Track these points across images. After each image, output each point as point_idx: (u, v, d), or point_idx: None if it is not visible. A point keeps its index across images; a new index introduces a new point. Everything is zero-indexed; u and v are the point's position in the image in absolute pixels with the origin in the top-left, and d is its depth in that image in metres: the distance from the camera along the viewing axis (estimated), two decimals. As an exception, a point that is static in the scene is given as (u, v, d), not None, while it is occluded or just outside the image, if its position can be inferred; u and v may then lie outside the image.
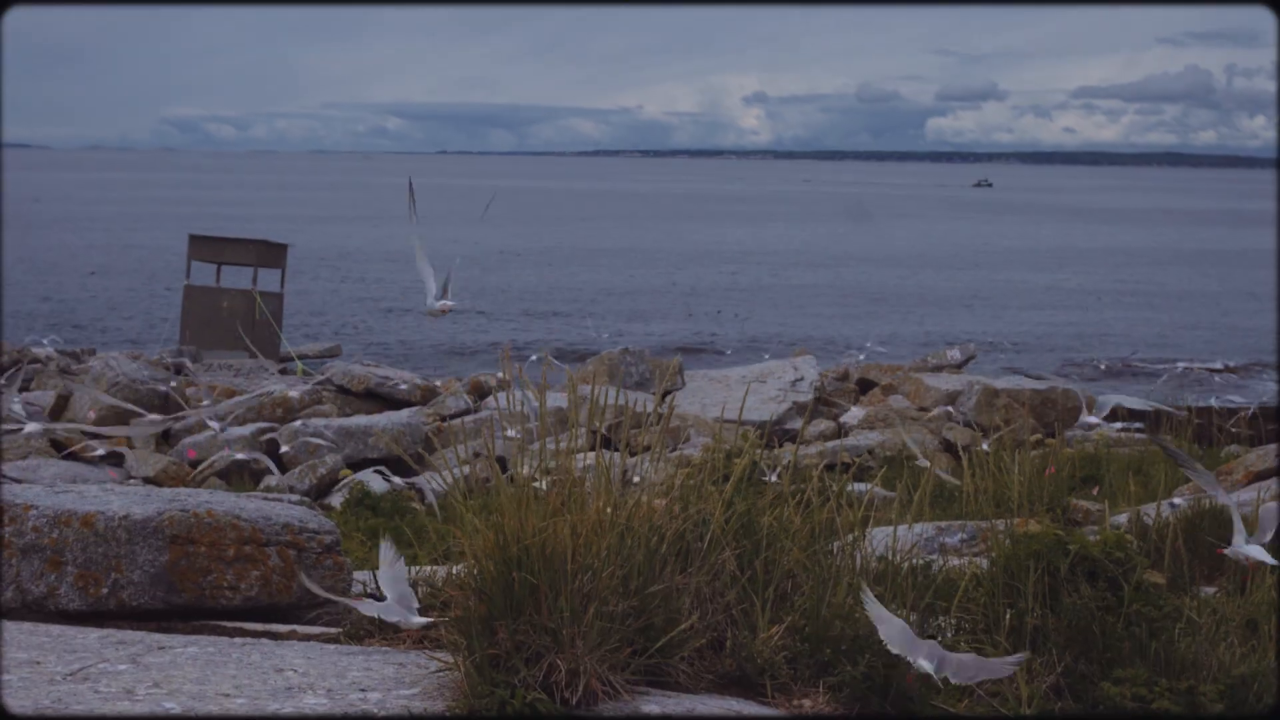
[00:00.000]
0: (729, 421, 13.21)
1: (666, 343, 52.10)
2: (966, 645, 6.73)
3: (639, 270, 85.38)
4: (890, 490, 15.83)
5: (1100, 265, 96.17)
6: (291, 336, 44.29)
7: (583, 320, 56.49)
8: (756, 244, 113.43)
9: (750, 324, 60.97)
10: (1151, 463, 16.48)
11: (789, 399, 29.19)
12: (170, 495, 8.08)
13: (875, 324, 62.40)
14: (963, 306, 68.90)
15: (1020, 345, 56.69)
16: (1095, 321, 64.53)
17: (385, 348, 52.19)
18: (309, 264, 78.14)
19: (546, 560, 6.05)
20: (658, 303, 68.38)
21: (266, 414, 26.97)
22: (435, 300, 8.61)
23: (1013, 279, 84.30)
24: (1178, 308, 71.08)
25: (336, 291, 71.58)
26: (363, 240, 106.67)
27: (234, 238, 43.33)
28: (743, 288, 75.68)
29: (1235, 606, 8.03)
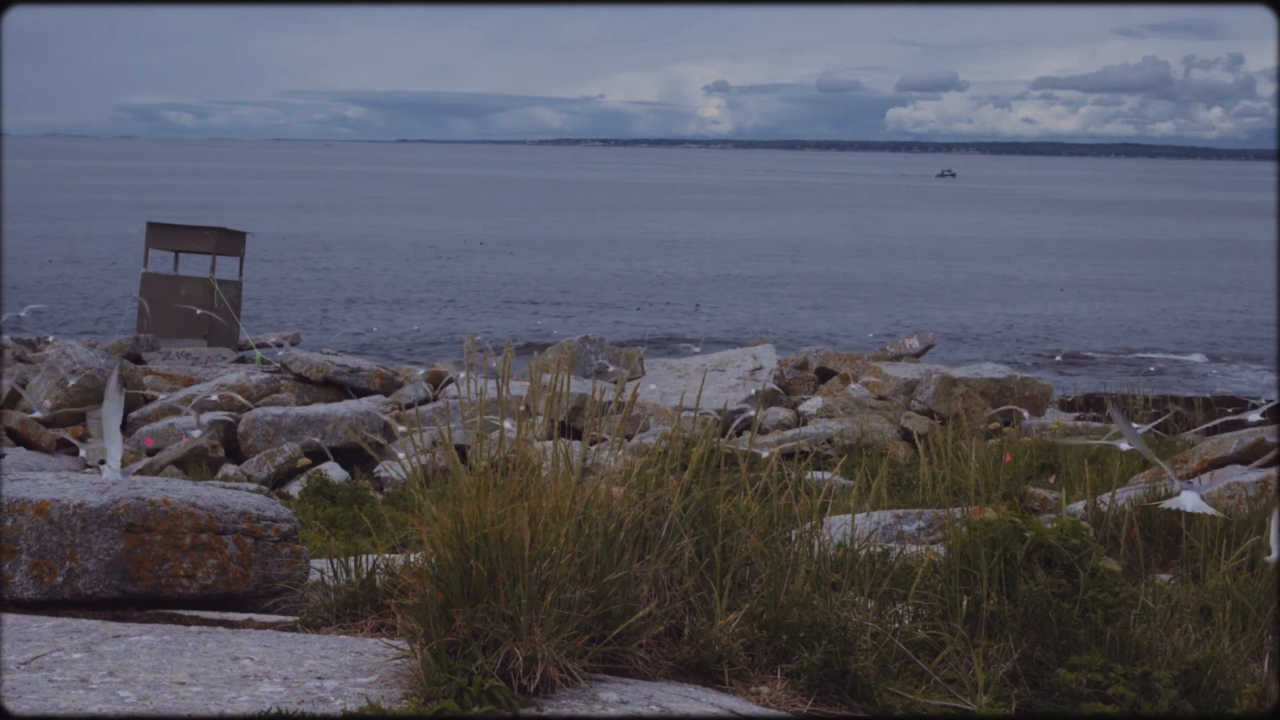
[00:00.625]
0: (688, 410, 13.19)
1: (634, 333, 52.11)
2: (924, 632, 6.77)
3: (606, 260, 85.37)
4: (849, 479, 15.88)
5: (1063, 256, 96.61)
6: (250, 325, 44.12)
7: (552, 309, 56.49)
8: (722, 233, 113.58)
9: (719, 314, 61.02)
10: (1108, 451, 16.55)
11: (748, 387, 29.23)
12: (126, 483, 8.03)
13: (840, 313, 62.57)
14: (925, 296, 69.11)
15: (982, 335, 56.91)
16: (1057, 312, 64.77)
17: (345, 336, 52.05)
18: (269, 252, 77.88)
19: (504, 548, 6.04)
20: (624, 292, 68.40)
21: (224, 402, 26.85)
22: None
23: (976, 269, 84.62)
24: (1140, 298, 71.43)
25: (297, 280, 71.34)
26: (323, 229, 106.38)
27: (192, 225, 43.09)
28: (710, 277, 75.75)
29: (1189, 593, 8.09)
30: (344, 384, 29.85)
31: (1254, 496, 11.66)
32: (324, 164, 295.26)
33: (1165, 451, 16.94)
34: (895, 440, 25.60)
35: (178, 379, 29.47)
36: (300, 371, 30.01)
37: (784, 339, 48.81)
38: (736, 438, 8.82)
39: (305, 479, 19.65)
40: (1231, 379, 45.90)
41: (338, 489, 17.87)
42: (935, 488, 13.09)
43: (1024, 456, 16.91)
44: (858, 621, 6.63)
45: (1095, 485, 12.07)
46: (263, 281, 65.15)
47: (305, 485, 18.57)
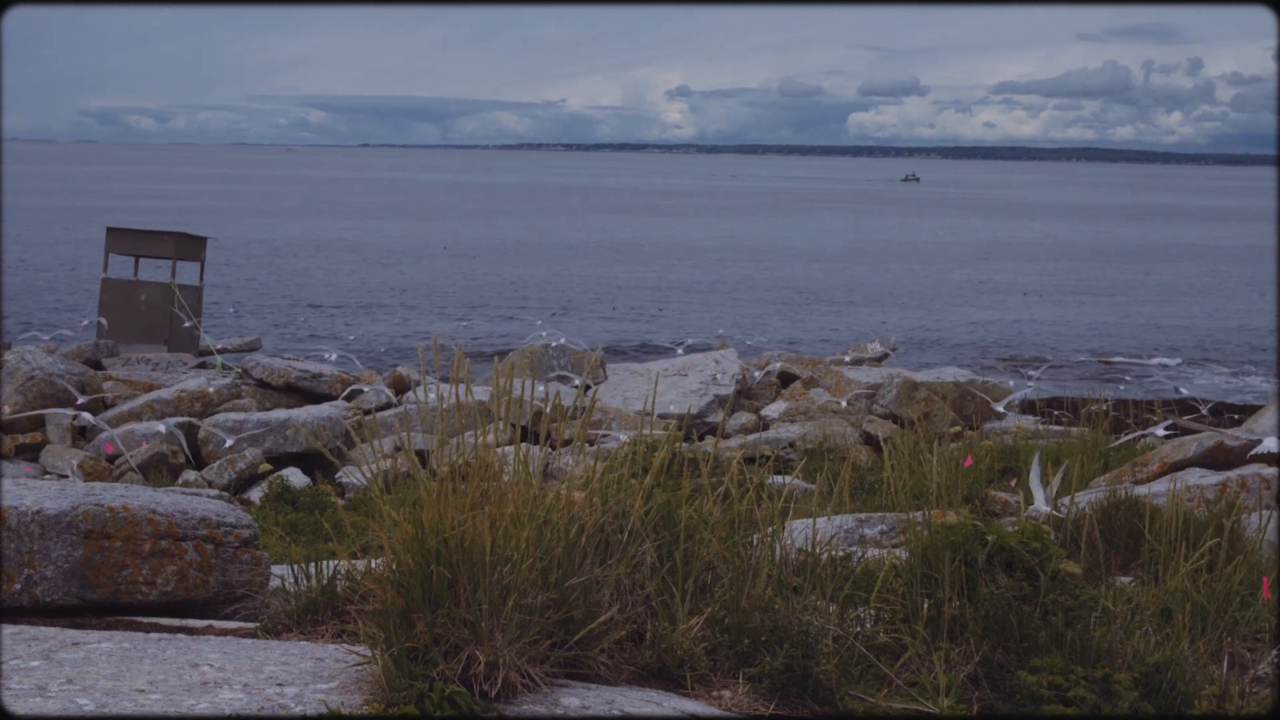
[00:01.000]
0: (651, 415, 13.18)
1: (597, 338, 52.07)
2: (885, 636, 6.78)
3: (569, 265, 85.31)
4: (811, 483, 15.91)
5: (1026, 260, 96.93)
6: (211, 330, 43.95)
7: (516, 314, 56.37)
8: (685, 238, 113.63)
9: (682, 318, 61.03)
10: (1069, 454, 16.62)
11: (710, 392, 29.24)
12: (85, 490, 7.99)
13: (803, 318, 62.67)
14: (888, 300, 69.28)
15: (944, 339, 57.05)
16: (1020, 316, 64.99)
17: (307, 341, 51.89)
18: (230, 257, 77.61)
19: (465, 553, 6.03)
20: (588, 297, 68.37)
21: (185, 408, 26.74)
22: None
23: (939, 273, 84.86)
24: (1103, 302, 71.73)
25: (258, 285, 71.10)
26: (284, 234, 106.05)
27: (152, 230, 42.91)
28: (673, 282, 75.77)
29: (1150, 595, 8.12)
30: (306, 389, 29.76)
31: (1213, 499, 11.72)
32: (286, 169, 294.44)
33: (1126, 454, 17.01)
34: (857, 444, 25.67)
35: (138, 385, 29.32)
36: (261, 377, 29.91)
37: (747, 343, 48.83)
38: (699, 442, 8.82)
39: (267, 484, 19.60)
40: (1195, 383, 46.12)
41: (299, 494, 17.83)
42: (897, 491, 13.12)
43: (985, 460, 16.96)
44: (819, 625, 6.64)
45: (1057, 488, 12.11)
46: (224, 287, 64.89)
47: (267, 491, 18.52)
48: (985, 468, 16.63)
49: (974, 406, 27.95)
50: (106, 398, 28.17)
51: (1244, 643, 7.90)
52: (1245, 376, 48.13)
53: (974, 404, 28.00)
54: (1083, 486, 13.93)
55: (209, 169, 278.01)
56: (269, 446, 24.08)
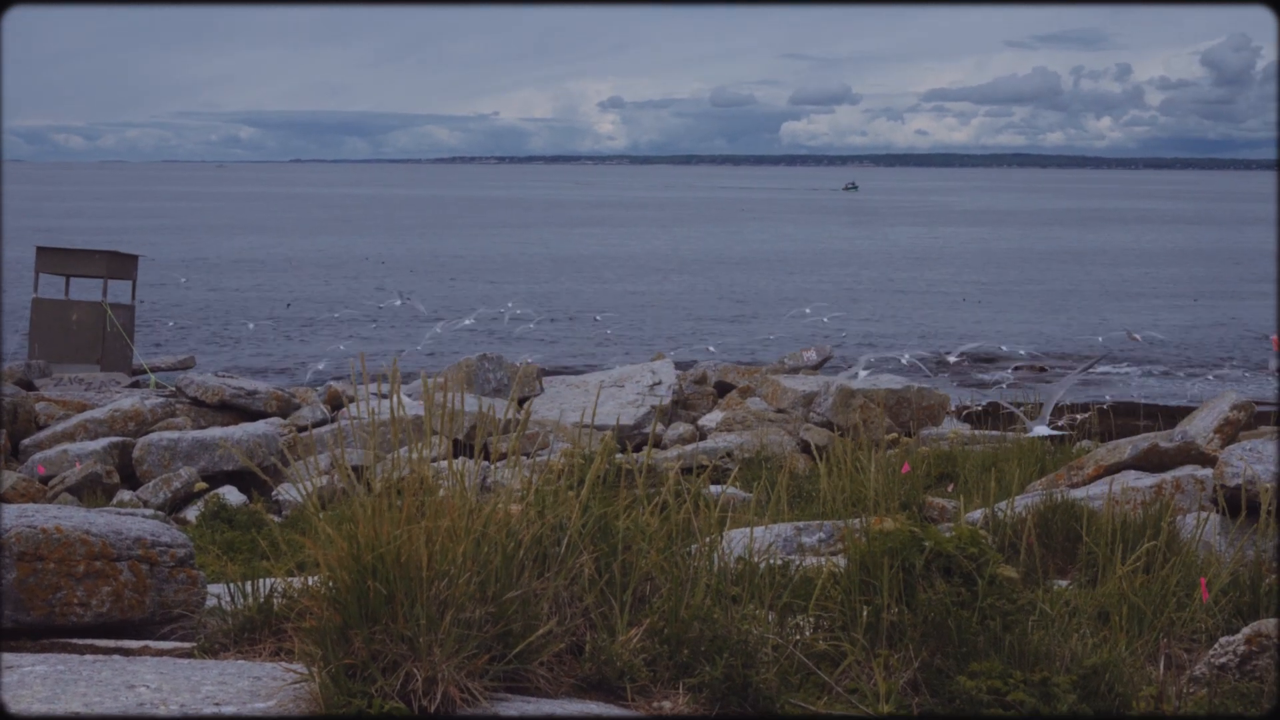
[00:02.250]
0: (588, 427, 13.16)
1: (534, 350, 51.97)
2: (825, 643, 6.79)
3: (505, 277, 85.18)
4: (748, 492, 15.93)
5: (964, 266, 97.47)
6: (145, 349, 43.64)
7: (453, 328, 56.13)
8: (620, 250, 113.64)
9: (619, 330, 61.02)
10: (1005, 459, 16.72)
11: (647, 403, 29.25)
12: (18, 511, 7.90)
13: (739, 327, 62.77)
14: (830, 308, 69.50)
15: (881, 346, 57.25)
16: (957, 322, 65.33)
17: (241, 359, 51.59)
18: (162, 275, 77.08)
19: (401, 568, 6.01)
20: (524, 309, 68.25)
21: (119, 427, 26.53)
22: None
23: (874, 280, 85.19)
24: (1042, 307, 72.18)
25: (191, 303, 70.65)
26: (217, 250, 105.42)
27: (83, 249, 42.61)
28: (609, 293, 75.78)
29: (1087, 598, 8.17)
30: (241, 407, 29.58)
31: (1149, 501, 11.80)
32: (217, 185, 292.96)
33: (1061, 458, 17.11)
34: (795, 452, 25.73)
35: (71, 405, 29.07)
36: (196, 395, 29.71)
37: (683, 354, 48.87)
38: (635, 453, 8.83)
39: (203, 503, 19.46)
40: (1134, 385, 46.45)
41: (235, 513, 17.69)
42: (835, 499, 13.15)
43: (922, 466, 17.04)
44: (759, 634, 6.65)
45: (993, 493, 12.19)
46: (156, 305, 64.44)
47: (203, 510, 18.38)
48: (923, 474, 16.71)
49: (911, 413, 28.07)
50: (39, 418, 27.91)
51: (1180, 643, 7.96)
52: (1179, 380, 48.51)
53: (910, 410, 28.12)
54: (1019, 491, 14.01)
55: (139, 186, 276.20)
56: (204, 465, 23.92)
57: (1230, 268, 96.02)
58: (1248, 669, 7.10)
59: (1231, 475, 11.12)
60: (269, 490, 22.49)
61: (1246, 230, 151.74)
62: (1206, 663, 7.22)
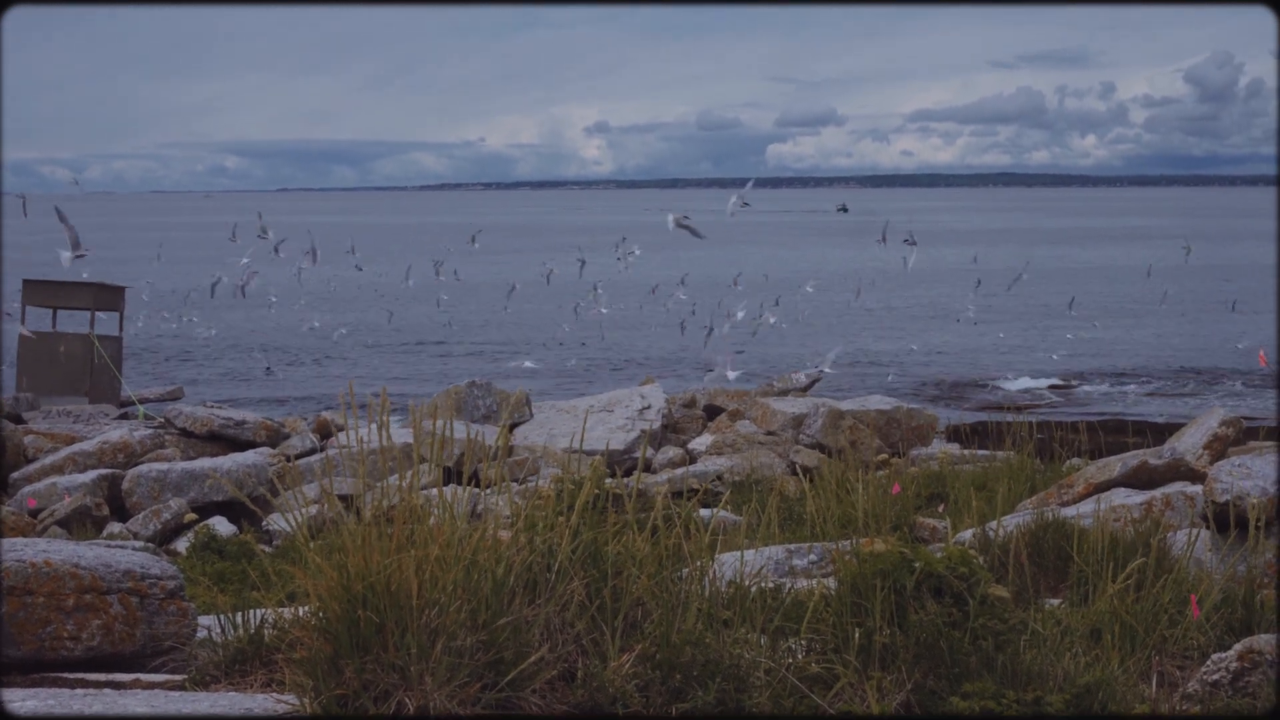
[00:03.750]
0: (578, 452, 13.10)
1: (523, 376, 51.92)
2: (817, 666, 6.77)
3: (494, 302, 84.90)
4: (739, 515, 15.91)
5: (954, 285, 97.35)
6: (133, 380, 43.56)
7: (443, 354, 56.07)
8: (609, 273, 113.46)
9: (607, 354, 61.03)
10: (995, 479, 16.71)
11: (636, 427, 29.22)
12: (7, 545, 7.88)
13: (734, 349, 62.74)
14: (813, 329, 69.50)
15: (870, 367, 57.32)
16: (946, 343, 65.35)
17: (230, 389, 51.52)
18: (150, 306, 76.97)
19: (392, 597, 5.99)
20: (512, 334, 68.24)
21: (108, 459, 26.47)
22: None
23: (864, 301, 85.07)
24: (1031, 326, 72.25)
25: (179, 334, 70.53)
26: (205, 281, 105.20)
27: (70, 281, 42.54)
28: (597, 318, 75.67)
29: (1079, 617, 8.16)
30: (230, 437, 29.51)
31: (1139, 518, 11.80)
32: (205, 215, 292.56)
33: (1051, 477, 17.11)
34: (785, 475, 25.71)
35: (60, 437, 29.01)
36: (185, 426, 29.64)
37: (672, 378, 48.87)
38: (625, 478, 8.80)
39: (193, 534, 19.41)
40: (1126, 404, 46.55)
41: (226, 544, 17.66)
42: (825, 521, 13.14)
43: (912, 487, 17.03)
44: (751, 658, 6.64)
45: (983, 513, 12.18)
46: (144, 336, 64.33)
47: (193, 541, 18.34)
48: (913, 495, 16.70)
49: (900, 434, 28.07)
50: (28, 452, 27.85)
51: (1173, 661, 7.95)
52: (1170, 397, 48.61)
53: (900, 431, 28.12)
54: (1009, 510, 14.00)
55: (127, 218, 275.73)
56: (194, 496, 23.86)
57: (1220, 284, 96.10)
58: (1240, 685, 7.10)
59: (1221, 491, 11.12)
60: (259, 520, 22.43)
61: (1238, 245, 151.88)
62: (1199, 680, 7.22)
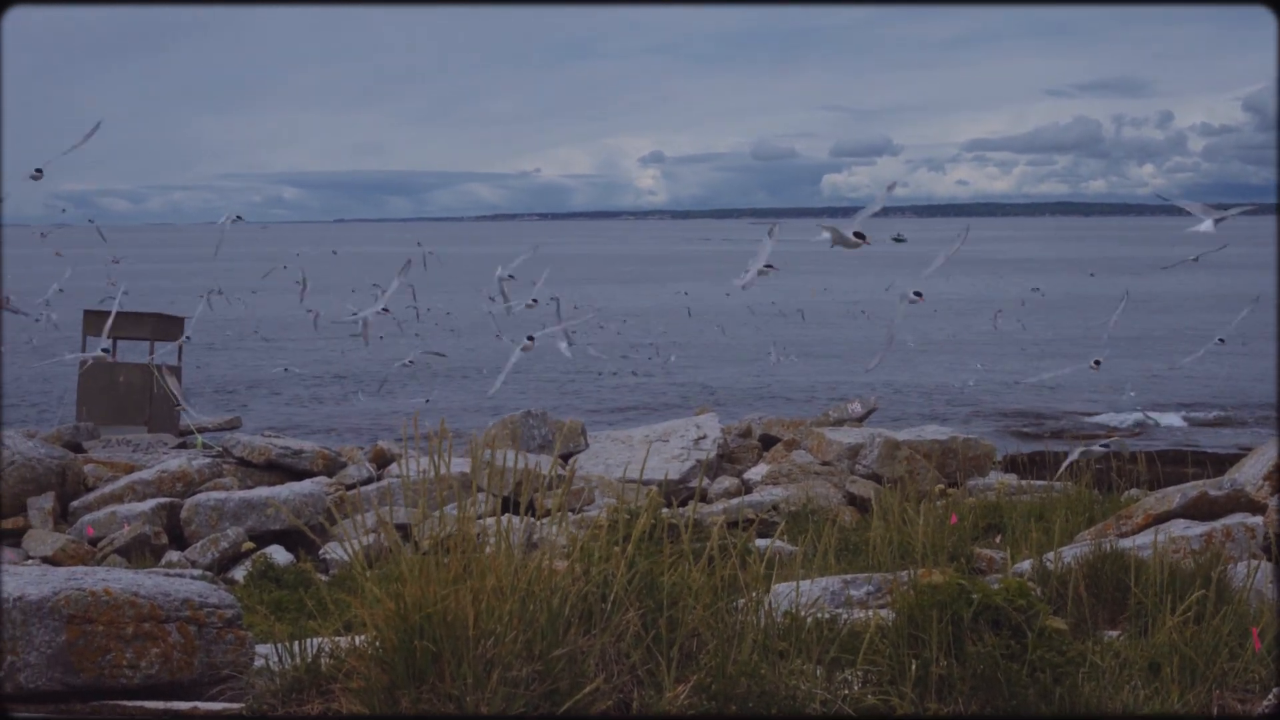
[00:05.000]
0: (632, 481, 13.10)
1: (579, 405, 51.98)
2: (873, 698, 6.74)
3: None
4: (794, 545, 15.86)
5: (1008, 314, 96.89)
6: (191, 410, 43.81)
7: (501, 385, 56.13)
8: (664, 302, 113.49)
9: (662, 383, 61.00)
10: (1052, 509, 16.61)
11: (692, 457, 29.19)
12: (67, 574, 7.94)
13: (784, 380, 62.63)
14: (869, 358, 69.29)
15: (924, 397, 57.12)
16: (1001, 372, 64.99)
17: (287, 418, 51.75)
18: (209, 336, 77.47)
19: (448, 627, 6.00)
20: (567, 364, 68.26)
21: (166, 488, 26.63)
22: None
23: (919, 330, 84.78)
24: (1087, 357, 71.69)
25: (237, 363, 70.99)
26: (262, 311, 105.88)
27: (130, 311, 42.84)
28: (653, 346, 75.65)
29: (1138, 649, 8.09)
30: (287, 466, 29.67)
31: (1198, 550, 11.71)
32: (262, 245, 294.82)
33: (1110, 508, 16.99)
34: (841, 505, 25.63)
35: (119, 466, 29.20)
36: (243, 455, 29.83)
37: (728, 407, 48.79)
38: (681, 508, 8.80)
39: (250, 563, 19.50)
40: (1179, 435, 46.22)
41: (283, 572, 17.73)
42: (882, 551, 13.09)
43: (969, 517, 16.94)
44: (806, 689, 6.61)
45: (1041, 544, 12.10)
46: (203, 366, 64.74)
47: (250, 569, 18.42)
48: (970, 525, 16.62)
49: (957, 464, 27.96)
50: (88, 480, 28.04)
51: (1234, 694, 7.87)
52: (1230, 427, 48.23)
53: (956, 462, 28.02)
54: (1067, 541, 13.91)
55: (185, 249, 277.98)
56: (252, 524, 23.98)
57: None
58: (1302, 719, 7.03)
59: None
60: (316, 549, 22.53)
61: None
62: (1261, 714, 7.15)
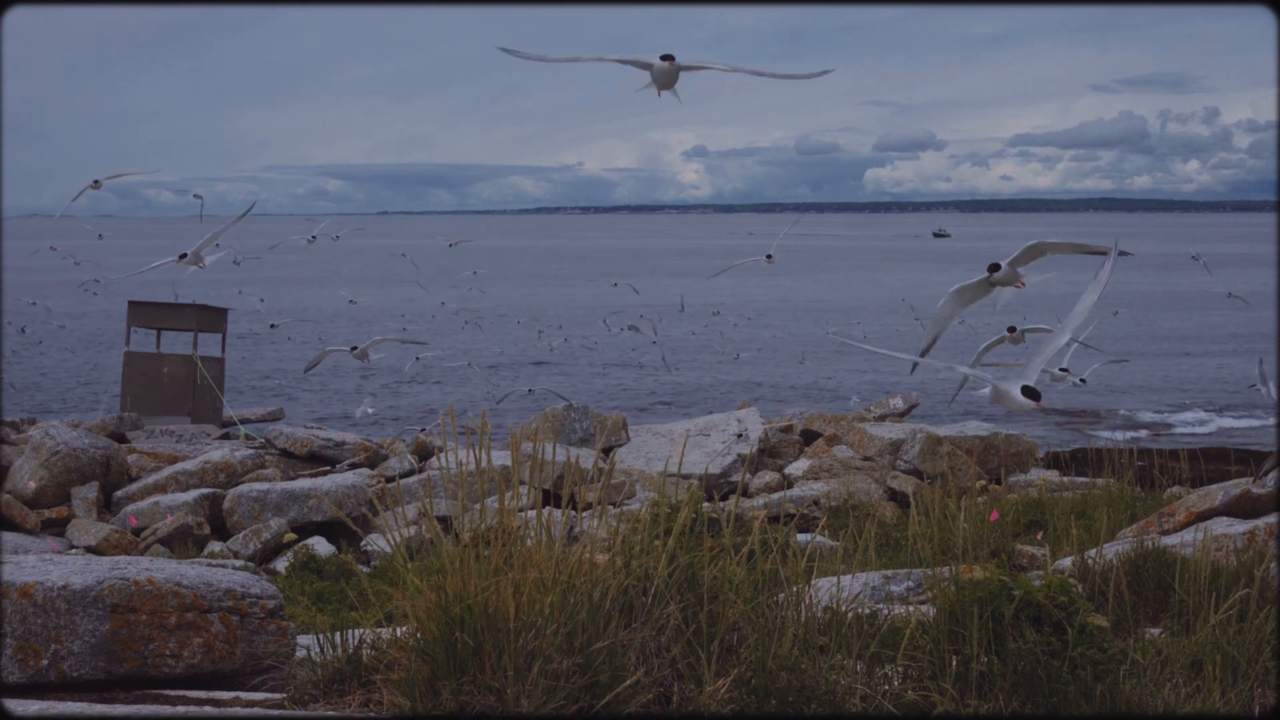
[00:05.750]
0: (674, 476, 13.09)
1: (619, 399, 52.02)
2: (913, 693, 6.73)
3: (589, 326, 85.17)
4: (834, 540, 15.84)
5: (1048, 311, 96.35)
6: (234, 401, 44.02)
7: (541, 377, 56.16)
8: (708, 297, 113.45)
9: (704, 377, 60.98)
10: (1094, 506, 16.54)
11: (733, 451, 29.17)
12: (110, 564, 7.99)
13: (825, 374, 62.55)
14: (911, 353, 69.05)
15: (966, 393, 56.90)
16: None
17: (330, 409, 51.93)
18: (252, 327, 77.85)
19: (489, 619, 6.02)
20: (609, 358, 68.38)
21: (209, 479, 26.76)
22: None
23: (958, 325, 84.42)
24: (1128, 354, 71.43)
25: (281, 355, 71.28)
26: (305, 303, 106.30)
27: (173, 303, 43.06)
28: (694, 342, 75.63)
29: (1179, 647, 8.06)
30: (329, 458, 29.78)
31: (1242, 548, 11.65)
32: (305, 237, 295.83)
33: (1152, 505, 16.92)
34: (882, 500, 25.59)
35: (162, 457, 29.34)
36: (285, 446, 29.94)
37: (769, 401, 48.74)
38: (722, 502, 8.81)
39: (292, 554, 19.57)
40: (1223, 433, 45.98)
41: (324, 564, 17.78)
42: (923, 547, 13.06)
43: (1011, 514, 16.89)
44: (846, 684, 6.61)
45: (1082, 541, 12.06)
46: (246, 357, 65.03)
47: (292, 560, 18.48)
48: (1011, 522, 16.56)
49: (999, 460, 27.87)
50: (131, 470, 28.20)
51: (1276, 693, 7.83)
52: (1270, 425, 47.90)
53: (999, 458, 27.93)
54: (1109, 538, 13.86)
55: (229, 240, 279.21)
56: (294, 516, 24.07)
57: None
58: (1345, 718, 6.99)
59: (1326, 521, 10.96)
60: (357, 541, 22.59)
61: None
62: (1261, 714, 7.11)
